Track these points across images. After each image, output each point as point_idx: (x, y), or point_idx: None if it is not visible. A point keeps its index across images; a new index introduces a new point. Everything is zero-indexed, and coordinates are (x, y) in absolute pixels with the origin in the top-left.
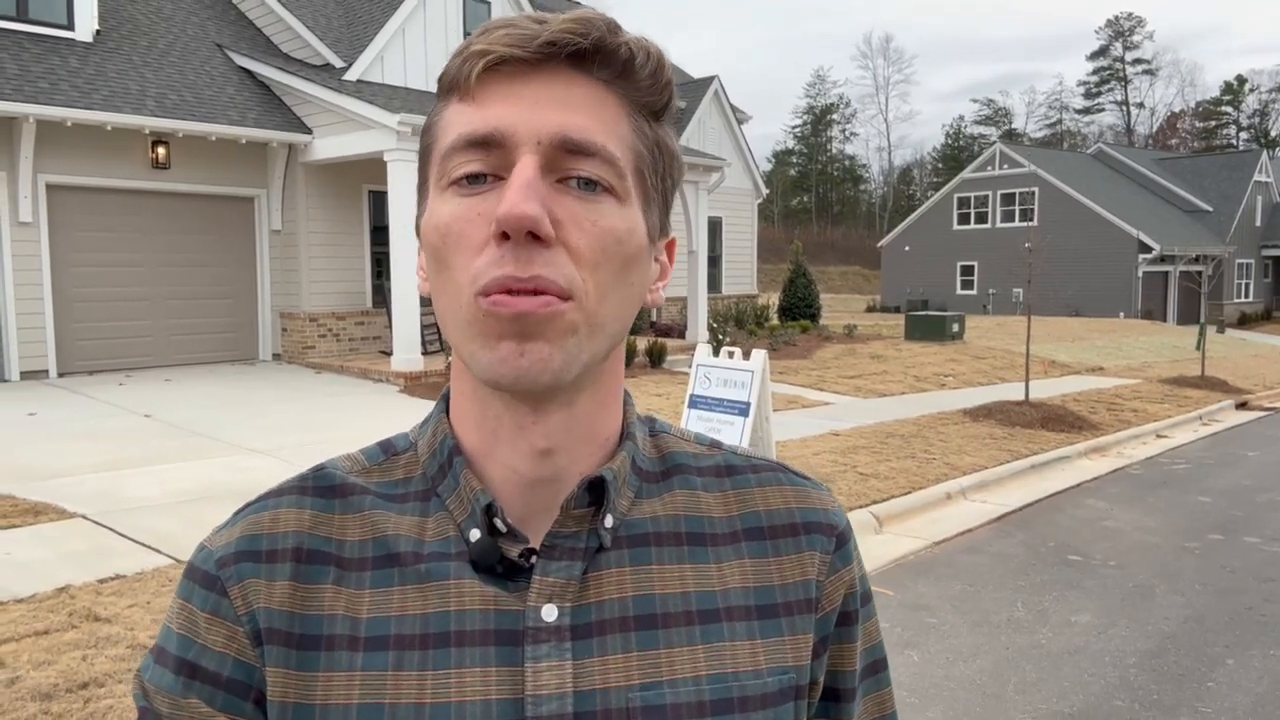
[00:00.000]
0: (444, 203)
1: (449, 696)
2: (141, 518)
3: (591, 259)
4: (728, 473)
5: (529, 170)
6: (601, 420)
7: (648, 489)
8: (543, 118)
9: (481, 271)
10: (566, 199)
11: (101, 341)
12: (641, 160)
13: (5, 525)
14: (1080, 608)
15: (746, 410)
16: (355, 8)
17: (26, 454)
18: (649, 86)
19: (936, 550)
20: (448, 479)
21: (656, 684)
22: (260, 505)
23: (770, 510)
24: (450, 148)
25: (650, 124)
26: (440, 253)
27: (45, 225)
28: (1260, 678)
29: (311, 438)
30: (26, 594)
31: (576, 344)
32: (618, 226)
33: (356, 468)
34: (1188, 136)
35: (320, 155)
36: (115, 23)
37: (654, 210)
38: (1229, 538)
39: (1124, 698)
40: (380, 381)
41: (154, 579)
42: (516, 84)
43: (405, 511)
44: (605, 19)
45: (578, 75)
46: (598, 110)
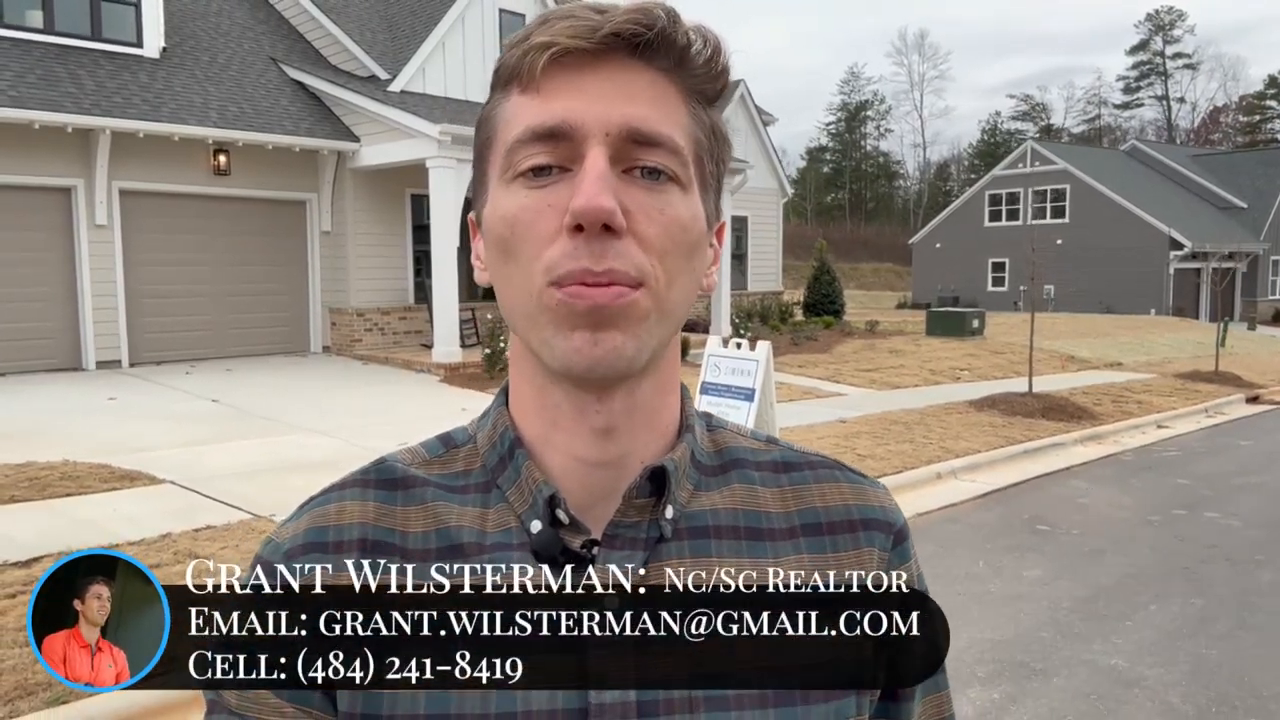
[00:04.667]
0: (511, 194)
1: (514, 708)
2: (221, 483)
3: (660, 247)
4: (785, 469)
5: (600, 163)
6: (661, 407)
7: (706, 482)
8: (609, 109)
9: (556, 263)
10: (634, 189)
11: (168, 334)
12: (700, 147)
13: (107, 488)
14: (1033, 565)
15: (751, 396)
16: (398, 22)
17: (113, 432)
18: (705, 73)
19: (919, 520)
20: (508, 470)
21: (723, 702)
22: (325, 498)
23: (828, 507)
24: (516, 140)
25: (705, 110)
26: (508, 243)
27: (119, 228)
28: (1172, 619)
29: (362, 421)
30: (136, 538)
31: (648, 331)
32: (683, 214)
33: (417, 460)
34: (1230, 131)
35: (367, 162)
36: (179, 39)
37: (710, 196)
38: (1191, 513)
39: (1049, 631)
40: (422, 372)
41: (239, 529)
42: (580, 75)
43: (466, 503)
44: (665, 8)
45: (639, 65)
46: (659, 99)
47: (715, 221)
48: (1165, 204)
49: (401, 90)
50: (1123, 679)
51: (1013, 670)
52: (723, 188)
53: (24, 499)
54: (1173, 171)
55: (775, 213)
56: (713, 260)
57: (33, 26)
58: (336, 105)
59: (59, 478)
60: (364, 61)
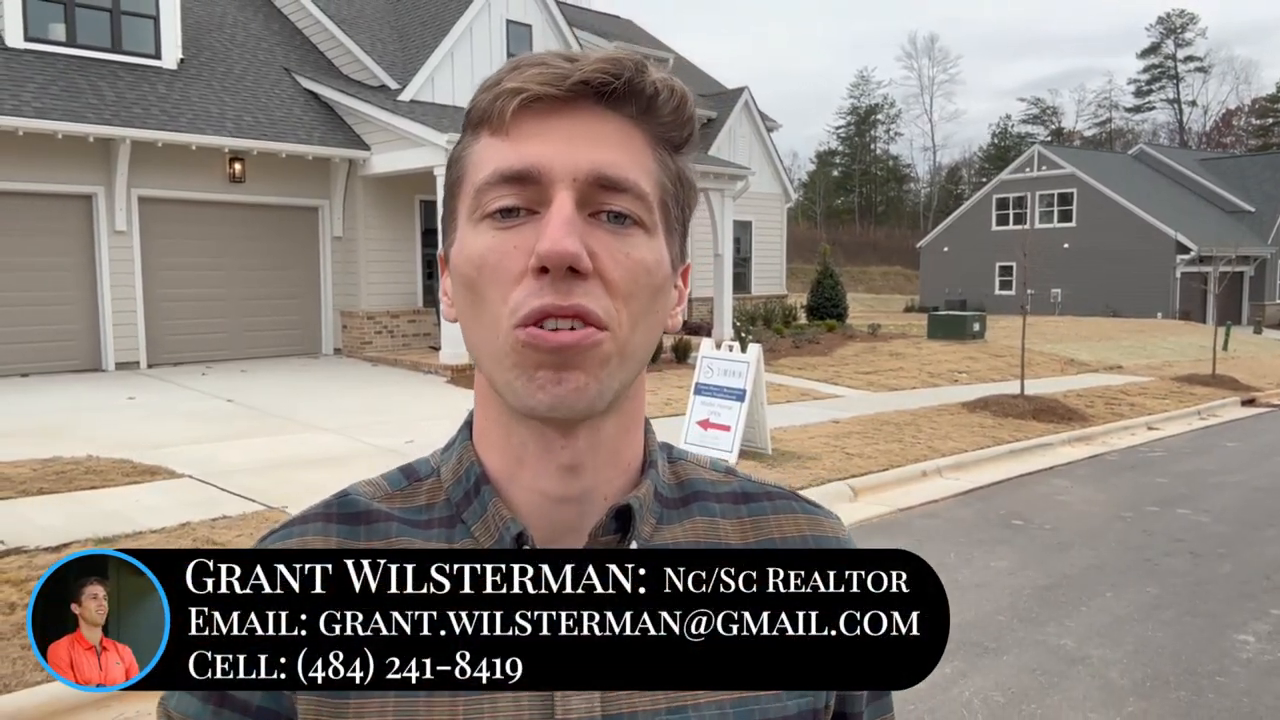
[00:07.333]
0: (478, 235)
1: (482, 718)
2: (237, 478)
3: (626, 290)
4: (744, 499)
5: (567, 207)
6: (625, 444)
7: (668, 515)
8: (577, 154)
9: (521, 302)
10: (600, 232)
11: (185, 336)
12: (665, 192)
13: (129, 482)
14: (1002, 556)
15: (742, 396)
16: (409, 32)
17: (134, 430)
18: (672, 121)
19: (899, 515)
20: (474, 505)
21: (682, 708)
22: (285, 532)
23: (785, 537)
24: (485, 182)
25: (672, 156)
26: (475, 284)
27: (137, 233)
28: (1126, 605)
29: (373, 419)
30: (157, 527)
31: (610, 374)
32: (647, 258)
33: (379, 493)
34: (1243, 134)
35: (377, 169)
36: (196, 51)
37: (675, 240)
38: (1163, 509)
39: (1006, 615)
40: (430, 374)
41: (254, 519)
42: (549, 120)
43: (430, 538)
44: (633, 58)
45: (606, 112)
46: (626, 145)
47: (680, 264)
48: (1172, 208)
49: (411, 100)
50: (1068, 657)
51: (967, 649)
52: (687, 231)
53: (51, 491)
54: (1180, 175)
55: (779, 217)
56: (677, 301)
57: (55, 39)
58: (348, 115)
59: (83, 472)
60: (375, 71)
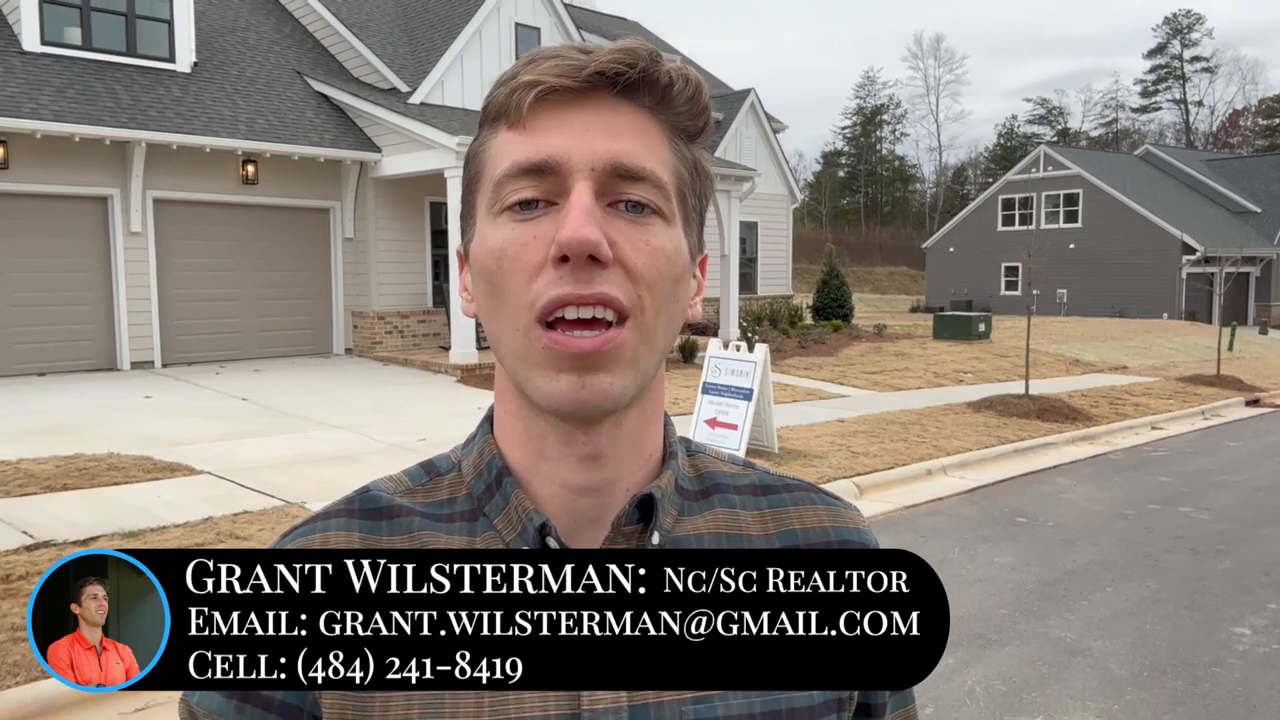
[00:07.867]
0: (497, 228)
1: (508, 714)
2: (255, 474)
3: (648, 277)
4: (763, 491)
5: (586, 196)
6: (645, 435)
7: (689, 507)
8: (594, 145)
9: (541, 292)
10: (619, 221)
11: (199, 336)
12: (682, 181)
13: (150, 478)
14: (1006, 552)
15: (750, 395)
16: (419, 35)
17: (152, 428)
18: (687, 111)
19: (904, 513)
20: (495, 498)
21: (708, 698)
22: (309, 528)
23: (806, 529)
24: (504, 175)
25: (688, 146)
26: (495, 276)
27: (152, 235)
28: (1125, 599)
29: (384, 418)
30: (180, 521)
31: (635, 367)
32: (667, 246)
33: (400, 489)
34: (1250, 135)
35: (388, 171)
36: (209, 54)
37: (693, 229)
38: (1165, 508)
39: (1009, 608)
40: (440, 373)
41: (273, 514)
42: (566, 112)
43: (453, 531)
44: (648, 48)
45: (622, 103)
46: (643, 135)
47: (698, 254)
48: (1178, 208)
49: (421, 102)
50: (1069, 649)
51: (970, 641)
52: (704, 221)
53: (75, 487)
54: (1186, 176)
55: (785, 218)
56: (696, 291)
57: (71, 43)
58: (359, 117)
59: (105, 468)
60: (385, 74)
